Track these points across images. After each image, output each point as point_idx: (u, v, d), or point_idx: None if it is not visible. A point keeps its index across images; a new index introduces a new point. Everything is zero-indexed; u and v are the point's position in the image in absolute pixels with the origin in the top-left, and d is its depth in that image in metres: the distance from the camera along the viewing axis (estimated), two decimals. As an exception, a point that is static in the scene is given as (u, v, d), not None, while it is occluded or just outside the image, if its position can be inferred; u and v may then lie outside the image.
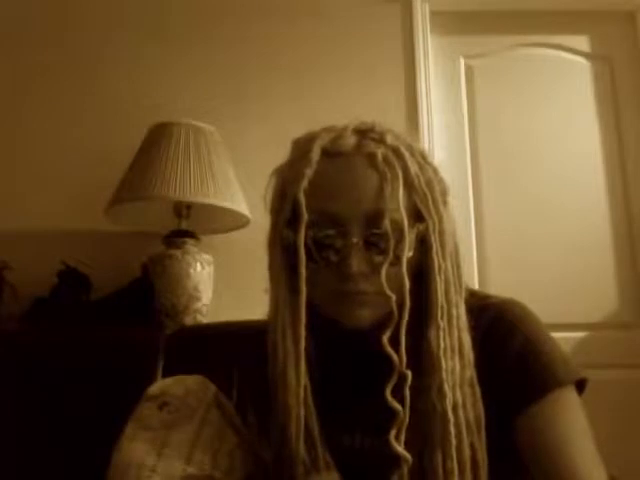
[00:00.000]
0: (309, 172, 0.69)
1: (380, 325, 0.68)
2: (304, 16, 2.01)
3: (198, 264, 1.59)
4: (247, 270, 1.77)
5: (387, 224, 0.67)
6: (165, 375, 1.21)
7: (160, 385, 0.82)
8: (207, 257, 1.63)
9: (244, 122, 1.91)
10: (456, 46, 2.11)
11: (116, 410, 0.82)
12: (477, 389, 0.69)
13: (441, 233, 0.70)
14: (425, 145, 1.88)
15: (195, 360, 1.26)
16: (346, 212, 0.67)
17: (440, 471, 0.66)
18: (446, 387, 0.66)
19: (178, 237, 1.61)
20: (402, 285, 0.67)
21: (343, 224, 0.68)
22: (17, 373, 1.32)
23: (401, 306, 0.67)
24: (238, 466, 0.76)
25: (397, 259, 0.68)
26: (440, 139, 1.99)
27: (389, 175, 0.68)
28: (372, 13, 2.02)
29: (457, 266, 0.73)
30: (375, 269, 0.67)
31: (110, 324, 1.54)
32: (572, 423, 0.69)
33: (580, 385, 0.73)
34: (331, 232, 0.68)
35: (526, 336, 0.72)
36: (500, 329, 0.72)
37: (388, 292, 0.66)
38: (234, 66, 1.97)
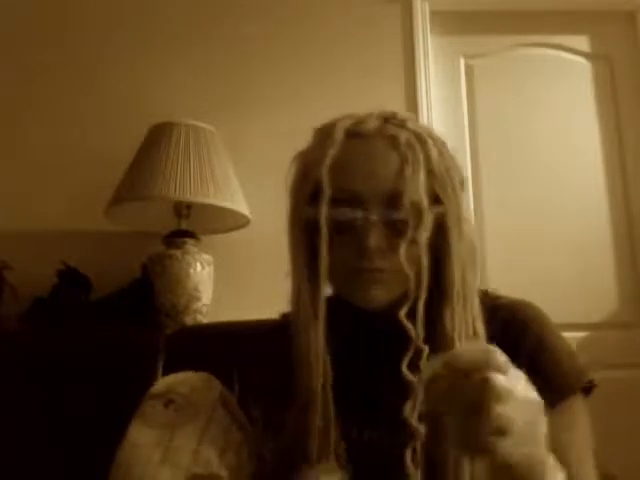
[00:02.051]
0: (332, 152, 0.70)
1: (394, 306, 0.68)
2: (304, 16, 2.01)
3: (198, 264, 1.59)
4: (247, 270, 1.78)
5: (406, 204, 0.67)
6: (165, 375, 1.21)
7: (165, 382, 0.82)
8: (207, 257, 1.63)
9: (244, 122, 1.91)
10: (456, 46, 2.11)
11: (116, 410, 0.82)
12: None
13: (458, 219, 0.71)
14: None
15: (195, 360, 1.25)
16: (366, 191, 0.68)
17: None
18: None
19: (178, 237, 1.61)
20: (419, 265, 0.67)
21: (363, 202, 0.68)
22: (17, 373, 1.32)
23: (418, 284, 0.67)
24: (244, 464, 0.75)
25: (414, 240, 0.68)
26: (440, 139, 1.99)
27: (410, 157, 0.69)
28: (372, 13, 2.02)
29: (472, 253, 0.74)
30: (392, 247, 0.68)
31: (110, 324, 1.54)
32: (576, 431, 0.69)
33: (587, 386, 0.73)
34: (351, 211, 0.68)
35: (538, 336, 0.72)
36: (513, 329, 0.72)
37: (407, 269, 0.66)
38: (234, 66, 1.97)
